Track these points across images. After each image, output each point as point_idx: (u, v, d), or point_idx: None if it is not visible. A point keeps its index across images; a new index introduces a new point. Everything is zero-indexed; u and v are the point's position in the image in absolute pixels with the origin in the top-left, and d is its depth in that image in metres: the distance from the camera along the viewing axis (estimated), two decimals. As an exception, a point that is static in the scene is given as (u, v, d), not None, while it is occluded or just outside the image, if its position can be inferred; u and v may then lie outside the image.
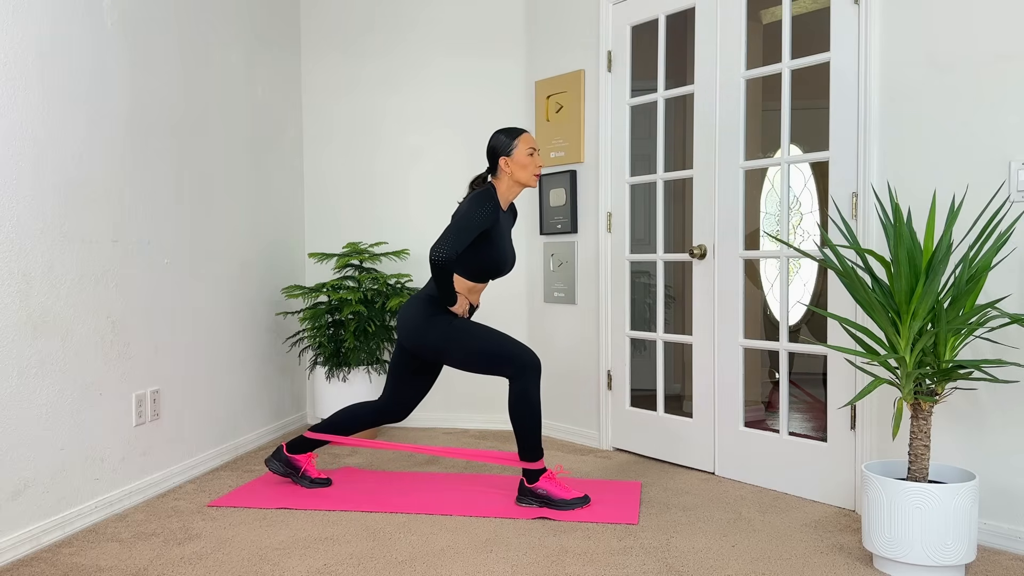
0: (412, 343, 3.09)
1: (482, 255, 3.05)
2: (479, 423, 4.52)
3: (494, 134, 3.12)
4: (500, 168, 3.09)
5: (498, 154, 3.08)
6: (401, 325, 3.11)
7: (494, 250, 3.05)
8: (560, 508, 2.97)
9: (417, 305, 3.09)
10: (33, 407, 2.64)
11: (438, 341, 3.04)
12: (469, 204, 2.97)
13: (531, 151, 3.08)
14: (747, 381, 4.41)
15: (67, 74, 2.80)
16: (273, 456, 3.34)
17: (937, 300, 2.33)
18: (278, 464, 3.32)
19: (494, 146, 3.10)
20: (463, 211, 2.96)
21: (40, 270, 2.67)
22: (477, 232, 2.96)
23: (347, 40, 4.62)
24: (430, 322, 3.05)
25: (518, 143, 3.07)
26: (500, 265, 3.09)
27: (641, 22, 3.79)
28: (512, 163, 3.07)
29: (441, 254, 2.89)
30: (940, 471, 2.50)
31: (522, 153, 3.07)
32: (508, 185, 3.10)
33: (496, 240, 3.05)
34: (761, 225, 4.88)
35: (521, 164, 3.07)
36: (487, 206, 2.96)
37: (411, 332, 3.08)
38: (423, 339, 3.06)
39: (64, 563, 2.51)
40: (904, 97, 2.82)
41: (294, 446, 3.31)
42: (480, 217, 2.95)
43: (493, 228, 3.03)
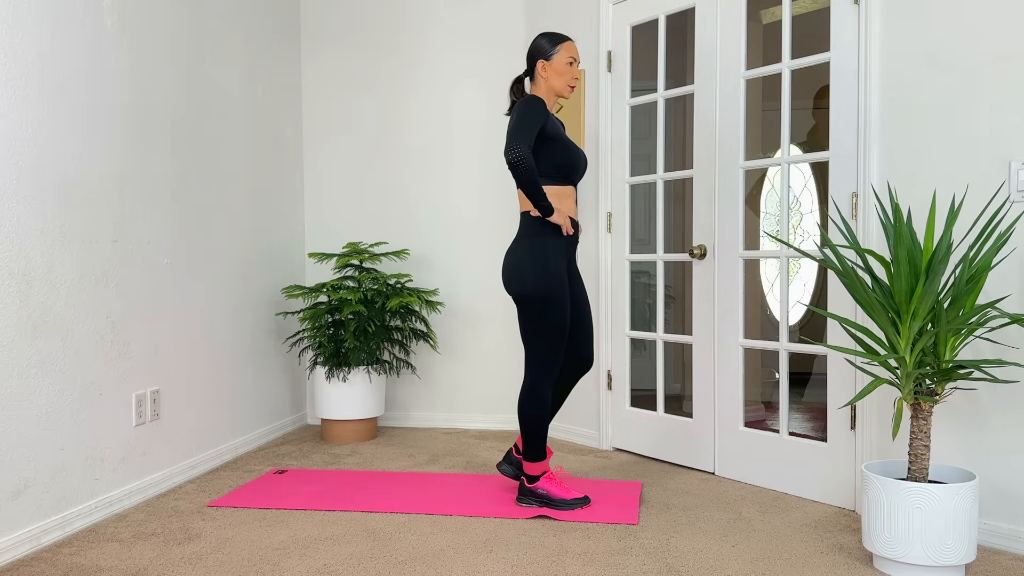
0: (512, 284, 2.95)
1: (551, 153, 2.94)
2: (479, 423, 4.52)
3: (537, 36, 3.04)
4: (537, 72, 3.01)
5: (536, 57, 3.01)
6: (506, 271, 2.98)
7: (561, 146, 2.95)
8: (560, 508, 2.97)
9: (519, 250, 2.96)
10: (33, 407, 2.64)
11: (528, 285, 2.90)
12: (519, 107, 2.89)
13: (571, 60, 3.00)
14: (747, 381, 4.41)
15: (67, 74, 2.80)
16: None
17: (937, 300, 2.33)
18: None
19: (534, 49, 3.01)
20: (516, 113, 2.88)
21: (40, 270, 2.67)
22: (537, 126, 2.85)
23: (347, 39, 4.62)
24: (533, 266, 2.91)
25: (559, 49, 2.99)
26: (574, 159, 2.99)
27: (641, 22, 3.79)
28: (549, 68, 2.99)
29: (516, 151, 2.76)
30: (940, 471, 2.50)
31: (561, 60, 2.99)
32: (545, 92, 3.03)
33: (557, 138, 2.95)
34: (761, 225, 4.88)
35: (558, 71, 2.99)
36: (535, 103, 2.88)
37: (516, 274, 2.93)
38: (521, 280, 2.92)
39: (64, 563, 2.51)
40: (904, 97, 2.82)
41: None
42: (533, 111, 2.85)
43: (548, 126, 2.92)
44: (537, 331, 2.95)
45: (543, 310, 2.92)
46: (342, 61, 4.62)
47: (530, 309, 2.94)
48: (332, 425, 4.17)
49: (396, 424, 4.60)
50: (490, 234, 4.49)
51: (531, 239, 2.96)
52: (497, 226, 4.48)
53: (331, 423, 4.17)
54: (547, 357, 2.96)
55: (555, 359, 2.97)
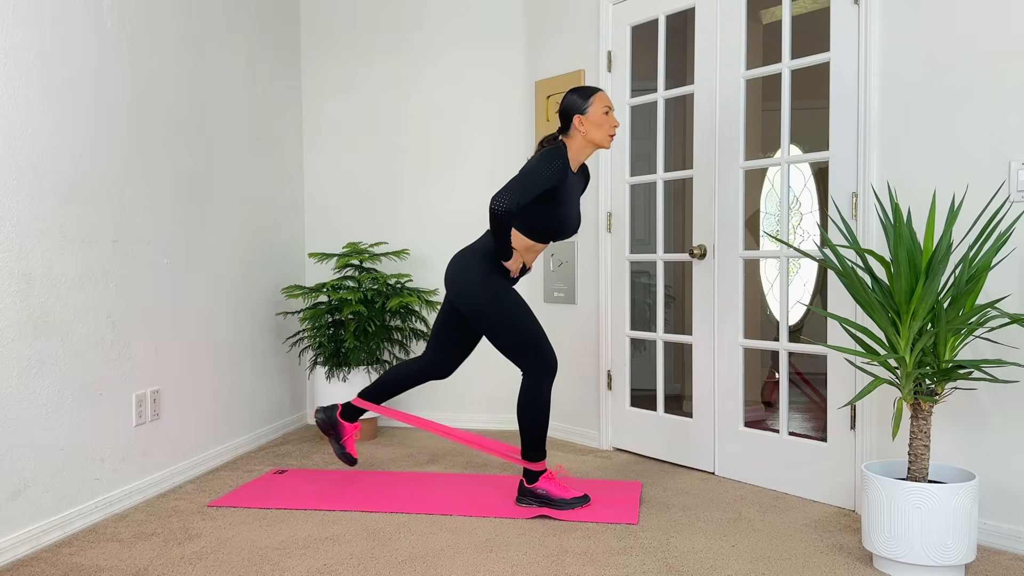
0: (455, 295, 2.99)
1: (547, 214, 2.94)
2: (480, 423, 4.52)
3: (567, 94, 3.02)
4: (574, 127, 2.98)
5: (571, 113, 2.98)
6: (450, 275, 3.02)
7: (560, 210, 2.95)
8: (560, 508, 2.97)
9: (471, 258, 2.99)
10: (33, 407, 2.64)
11: (483, 303, 2.94)
12: (539, 159, 2.87)
13: (606, 109, 2.98)
14: (747, 381, 4.41)
15: (67, 74, 2.80)
16: (324, 411, 3.34)
17: (937, 300, 2.33)
18: (325, 418, 3.33)
19: (567, 106, 2.99)
20: (532, 165, 2.86)
21: (40, 270, 2.67)
22: (544, 188, 2.85)
23: (347, 40, 4.62)
24: (482, 280, 2.95)
25: (593, 101, 2.97)
26: (564, 227, 2.99)
27: (641, 22, 3.79)
28: (587, 122, 2.96)
29: (503, 204, 2.78)
30: (940, 471, 2.50)
31: (597, 112, 2.96)
32: (581, 145, 3.00)
33: (563, 200, 2.94)
34: (761, 225, 4.88)
35: (596, 123, 2.97)
36: (556, 163, 2.86)
37: (459, 285, 2.98)
38: (469, 296, 2.95)
39: (64, 563, 2.51)
40: (904, 97, 2.82)
41: (346, 412, 3.31)
42: (549, 173, 2.84)
43: (561, 187, 2.92)
44: (513, 337, 2.95)
45: (506, 316, 2.94)
46: (342, 61, 4.62)
47: (493, 322, 2.96)
48: (332, 425, 4.17)
49: (396, 424, 4.60)
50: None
51: (484, 252, 3.00)
52: (497, 226, 4.48)
53: (331, 423, 4.17)
54: (538, 353, 2.96)
55: (546, 351, 2.97)
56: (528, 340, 2.94)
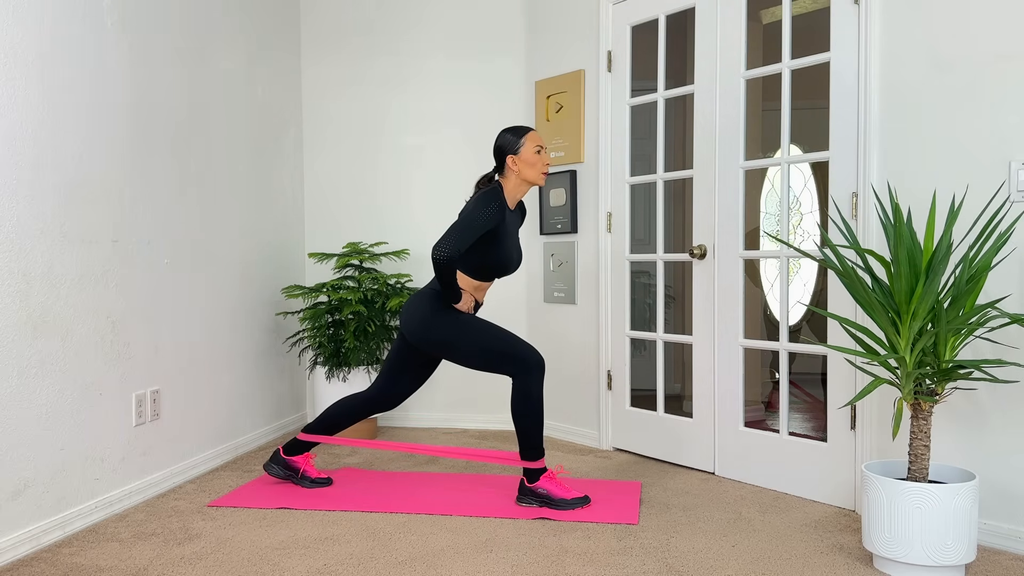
0: (416, 338, 3.08)
1: (487, 254, 3.03)
2: (480, 423, 4.52)
3: (500, 133, 3.11)
4: (507, 167, 3.07)
5: (505, 152, 3.06)
6: (405, 320, 3.10)
7: (499, 249, 3.04)
8: (560, 508, 2.97)
9: (422, 300, 3.08)
10: (33, 407, 2.64)
11: (443, 337, 3.03)
12: (475, 203, 2.95)
13: (538, 149, 3.06)
14: (747, 381, 4.41)
15: (67, 74, 2.80)
16: (271, 460, 3.33)
17: (937, 300, 2.33)
18: (277, 468, 3.32)
19: (501, 145, 3.08)
20: (468, 210, 2.95)
21: (40, 270, 2.67)
22: (481, 231, 2.94)
23: (347, 40, 4.62)
24: (436, 317, 3.04)
25: (525, 141, 3.05)
26: (505, 264, 3.08)
27: (641, 22, 3.79)
28: (520, 161, 3.05)
29: (444, 253, 2.88)
30: (940, 471, 2.50)
31: (529, 151, 3.04)
32: (515, 184, 3.09)
33: (502, 239, 3.04)
34: (761, 225, 4.88)
35: (529, 162, 3.05)
36: (492, 206, 2.94)
37: (416, 327, 3.07)
38: (428, 334, 3.05)
39: (64, 563, 2.51)
40: (904, 97, 2.82)
41: (290, 448, 3.31)
42: (485, 217, 2.93)
43: (499, 227, 3.01)
44: (485, 356, 3.01)
45: (470, 342, 3.00)
46: (342, 61, 4.62)
47: (460, 351, 3.03)
48: (332, 425, 4.17)
49: (396, 424, 4.60)
50: (490, 234, 4.49)
51: (435, 294, 3.08)
52: (497, 226, 4.48)
53: (331, 423, 4.17)
54: (517, 357, 2.99)
55: (524, 351, 2.99)
56: (501, 353, 2.99)
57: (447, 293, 2.98)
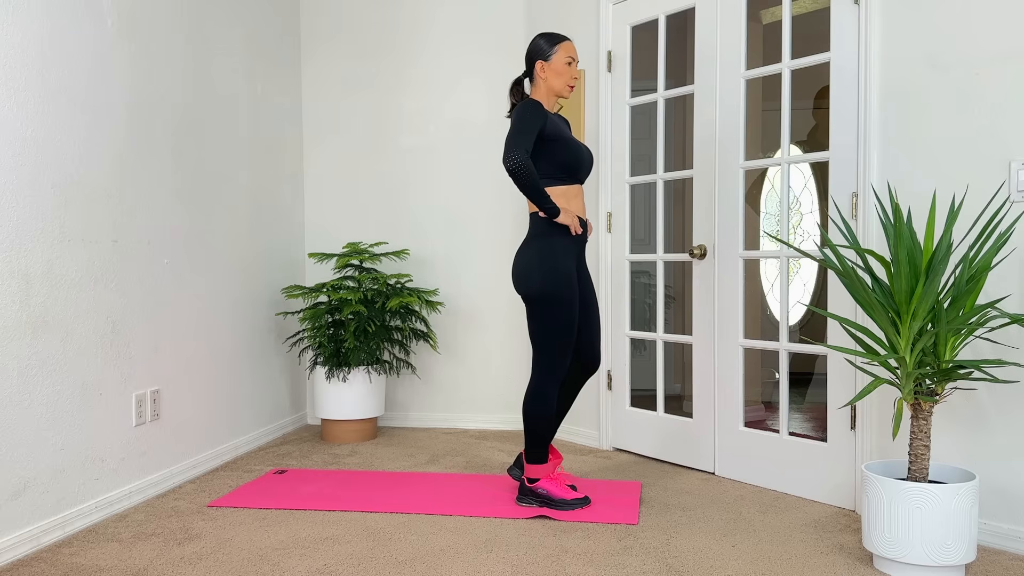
0: (517, 281, 2.96)
1: (554, 152, 2.92)
2: (480, 423, 4.52)
3: (535, 37, 3.03)
4: (536, 73, 3.00)
5: (535, 58, 2.99)
6: (516, 271, 2.97)
7: (564, 145, 2.94)
8: (560, 508, 2.97)
9: (531, 249, 2.94)
10: (33, 407, 2.64)
11: (536, 285, 2.90)
12: (517, 113, 2.87)
13: (569, 60, 2.98)
14: (747, 381, 4.41)
15: (67, 74, 2.80)
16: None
17: (937, 300, 2.33)
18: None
19: (532, 49, 3.00)
20: (514, 118, 2.87)
21: (40, 270, 2.67)
22: (535, 129, 2.84)
23: (347, 40, 4.62)
24: (541, 262, 2.90)
25: (557, 49, 2.97)
26: (577, 156, 2.97)
27: (641, 22, 3.79)
28: (548, 68, 2.97)
29: (513, 157, 2.77)
30: (940, 471, 2.50)
31: (560, 60, 2.97)
32: (544, 94, 3.01)
33: (560, 135, 2.94)
34: (761, 225, 4.87)
35: (556, 71, 2.97)
36: (532, 105, 2.87)
37: (525, 275, 2.93)
38: (530, 279, 2.91)
39: (64, 563, 2.51)
40: (904, 97, 2.82)
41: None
42: (531, 114, 2.84)
43: (548, 126, 2.91)
44: (546, 331, 2.94)
45: (552, 310, 2.91)
46: (342, 60, 4.62)
47: (539, 309, 2.93)
48: (332, 425, 4.17)
49: (396, 424, 4.60)
50: (490, 233, 4.49)
51: (540, 239, 2.95)
52: (497, 225, 4.48)
53: (331, 423, 4.17)
54: (555, 357, 2.96)
55: (563, 359, 2.96)
56: (556, 339, 2.92)
57: (543, 207, 2.84)
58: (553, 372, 2.96)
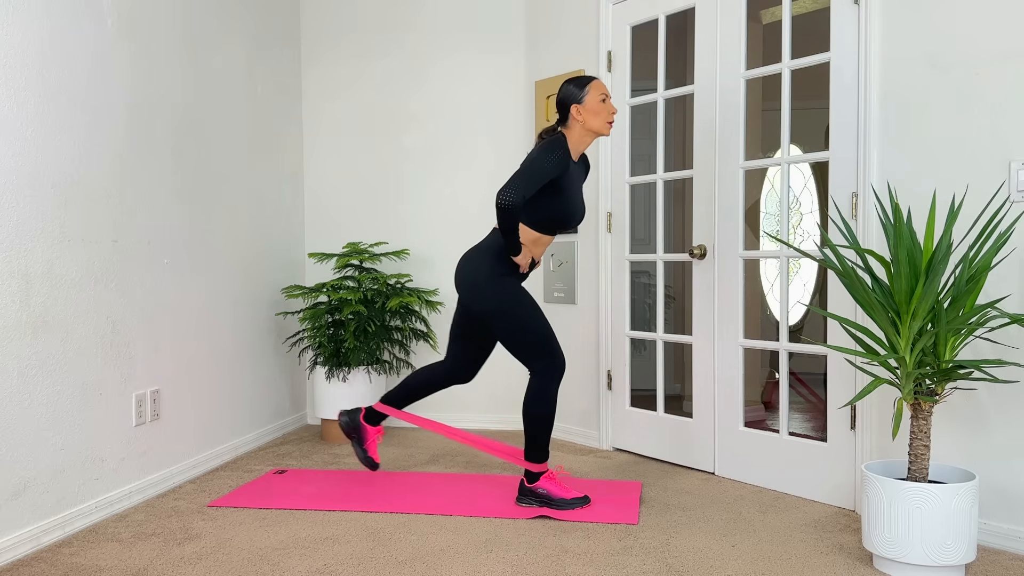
0: (467, 297, 3.00)
1: (551, 204, 2.95)
2: (480, 423, 4.52)
3: (563, 84, 3.03)
4: (572, 117, 2.99)
5: (568, 103, 2.99)
6: (459, 275, 3.03)
7: (564, 200, 2.96)
8: (560, 508, 2.97)
9: (479, 258, 3.01)
10: (33, 407, 2.64)
11: (494, 303, 2.95)
12: (540, 151, 2.88)
13: (603, 97, 2.99)
14: (747, 381, 4.41)
15: (67, 74, 2.80)
16: (348, 413, 3.37)
17: (937, 300, 2.33)
18: (349, 422, 3.35)
19: (564, 96, 3.00)
20: (533, 157, 2.87)
21: (40, 270, 2.67)
22: (547, 179, 2.86)
23: (347, 40, 4.62)
24: (492, 280, 2.97)
25: (589, 90, 2.98)
26: (570, 216, 3.00)
27: (641, 22, 3.79)
28: (584, 111, 2.97)
29: (508, 198, 2.79)
30: (940, 471, 2.50)
31: (594, 100, 2.97)
32: (580, 135, 3.01)
33: (566, 189, 2.96)
34: (761, 225, 4.88)
35: (594, 111, 2.98)
36: (557, 153, 2.87)
37: (469, 286, 2.99)
38: (479, 295, 2.97)
39: (64, 563, 2.51)
40: (904, 97, 2.82)
41: (371, 416, 3.33)
42: (550, 164, 2.85)
43: (563, 177, 2.93)
44: (522, 337, 2.96)
45: (518, 316, 2.95)
46: (342, 60, 4.62)
47: (505, 322, 2.96)
48: (332, 425, 4.17)
49: (396, 424, 4.60)
50: (490, 234, 4.49)
51: (493, 251, 3.00)
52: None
53: (331, 423, 4.17)
54: (548, 354, 2.96)
55: (554, 350, 2.97)
56: (540, 341, 2.95)
57: (508, 243, 2.90)
58: (554, 372, 2.96)
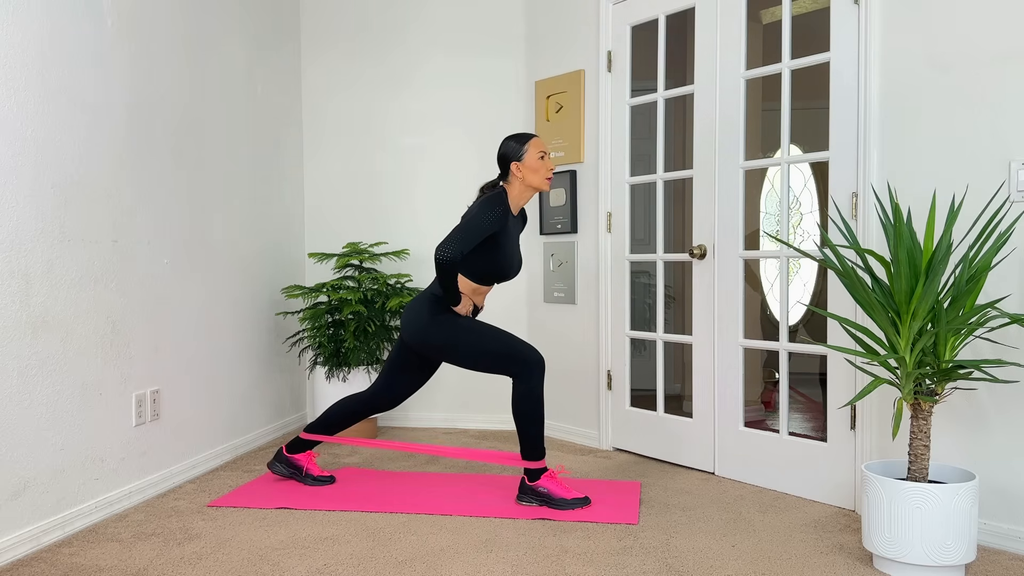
0: (416, 341, 3.10)
1: (488, 258, 3.06)
2: (479, 423, 4.52)
3: (504, 141, 3.13)
4: (512, 173, 3.10)
5: (509, 159, 3.09)
6: (405, 323, 3.13)
7: (500, 254, 3.07)
8: (560, 508, 2.97)
9: (422, 304, 3.11)
10: (33, 407, 2.64)
11: (443, 340, 3.05)
12: (480, 207, 2.98)
13: (541, 155, 3.09)
14: (747, 381, 4.41)
15: (67, 74, 2.80)
16: (275, 459, 3.39)
17: (937, 300, 2.33)
18: (280, 466, 3.37)
19: (504, 152, 3.11)
20: (472, 213, 2.98)
21: (40, 270, 2.67)
22: (485, 234, 2.97)
23: (347, 40, 4.62)
24: (435, 321, 3.06)
25: (528, 147, 3.08)
26: (506, 270, 3.11)
27: (641, 22, 3.79)
28: (524, 168, 3.08)
29: (447, 254, 2.91)
30: (940, 471, 2.50)
31: (533, 157, 3.08)
32: (520, 190, 3.11)
33: (503, 244, 3.07)
34: (761, 225, 4.88)
35: (532, 168, 3.08)
36: (497, 210, 2.98)
37: (416, 331, 3.09)
38: (427, 338, 3.07)
39: (64, 563, 2.51)
40: (904, 97, 2.82)
41: (293, 446, 3.35)
42: (489, 220, 2.96)
43: (501, 232, 3.05)
44: (483, 358, 3.04)
45: (470, 344, 3.03)
46: (342, 60, 4.62)
47: (461, 354, 3.05)
48: (332, 425, 4.17)
49: (396, 424, 4.60)
50: (490, 234, 4.49)
51: (435, 297, 3.10)
52: (497, 226, 4.48)
53: (331, 423, 4.17)
54: (517, 358, 3.01)
55: (524, 351, 3.01)
56: (501, 354, 3.01)
57: (447, 295, 3.01)
58: (529, 369, 3.00)
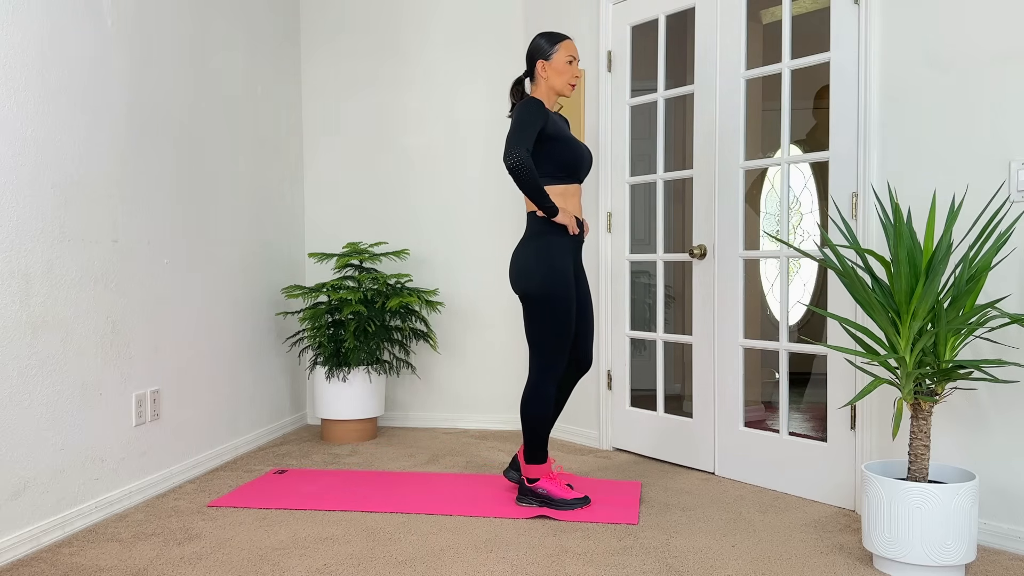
0: (514, 280, 2.97)
1: (554, 152, 2.93)
2: (479, 423, 4.52)
3: (535, 37, 3.04)
4: (537, 73, 3.01)
5: (536, 57, 3.00)
6: (512, 268, 2.99)
7: (565, 144, 2.95)
8: (560, 508, 2.97)
9: (526, 246, 2.97)
10: (33, 407, 2.64)
11: (535, 280, 2.91)
12: (518, 109, 2.88)
13: (570, 59, 2.99)
14: (747, 381, 4.41)
15: (67, 74, 2.80)
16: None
17: (937, 300, 2.33)
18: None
19: (533, 49, 3.01)
20: (515, 116, 2.87)
21: (40, 270, 2.67)
22: (536, 128, 2.84)
23: (347, 39, 4.62)
24: (539, 260, 2.92)
25: (558, 48, 2.98)
26: (578, 155, 2.98)
27: (641, 22, 3.79)
28: (549, 68, 2.98)
29: (515, 155, 2.77)
30: (940, 471, 2.50)
31: (561, 59, 2.98)
32: (545, 93, 3.02)
33: (560, 135, 2.95)
34: (761, 225, 4.87)
35: (558, 70, 2.98)
36: (533, 105, 2.87)
37: (518, 270, 2.96)
38: (525, 275, 2.93)
39: (64, 563, 2.51)
40: (904, 97, 2.82)
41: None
42: (532, 114, 2.85)
43: (550, 125, 2.92)
44: (542, 330, 2.95)
45: (548, 309, 2.93)
46: (342, 61, 4.62)
47: (536, 308, 2.94)
48: (332, 425, 4.17)
49: (396, 424, 4.60)
50: (490, 233, 4.49)
51: (537, 239, 2.96)
52: (497, 225, 4.48)
53: (331, 423, 4.17)
54: (552, 356, 2.96)
55: (560, 358, 2.97)
56: (552, 337, 2.93)
57: (541, 206, 2.85)
58: (550, 371, 2.97)
